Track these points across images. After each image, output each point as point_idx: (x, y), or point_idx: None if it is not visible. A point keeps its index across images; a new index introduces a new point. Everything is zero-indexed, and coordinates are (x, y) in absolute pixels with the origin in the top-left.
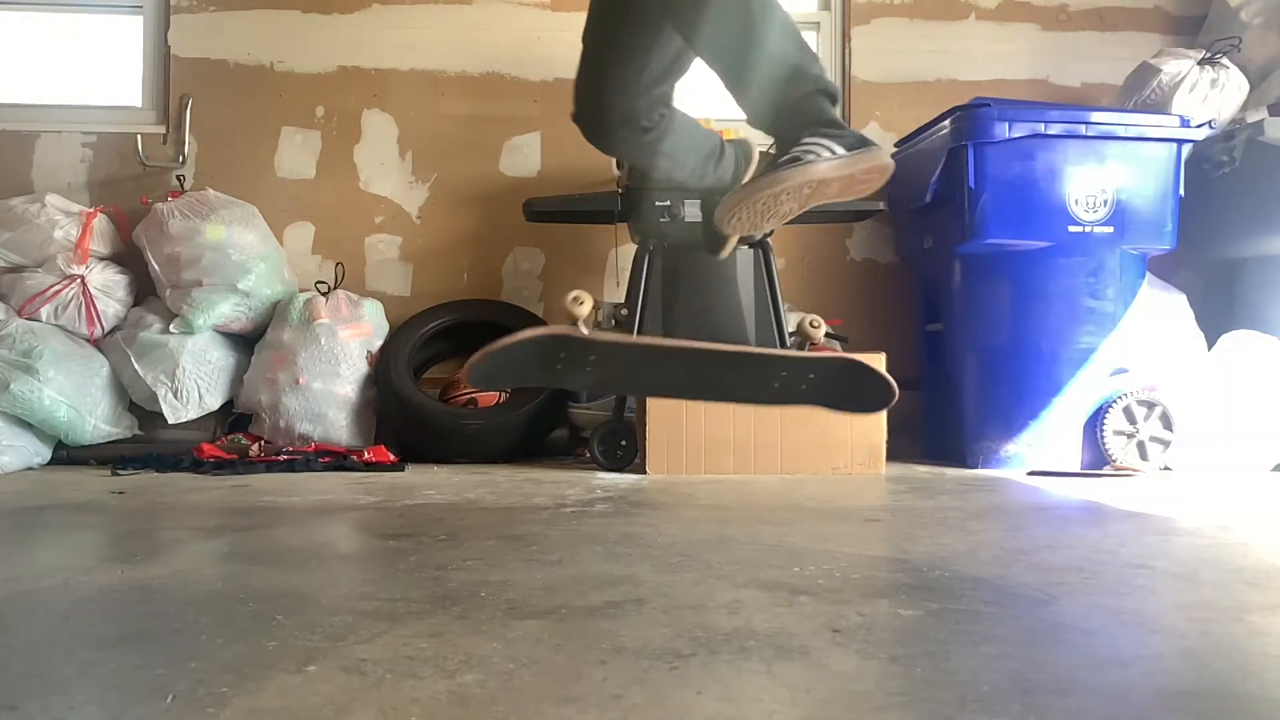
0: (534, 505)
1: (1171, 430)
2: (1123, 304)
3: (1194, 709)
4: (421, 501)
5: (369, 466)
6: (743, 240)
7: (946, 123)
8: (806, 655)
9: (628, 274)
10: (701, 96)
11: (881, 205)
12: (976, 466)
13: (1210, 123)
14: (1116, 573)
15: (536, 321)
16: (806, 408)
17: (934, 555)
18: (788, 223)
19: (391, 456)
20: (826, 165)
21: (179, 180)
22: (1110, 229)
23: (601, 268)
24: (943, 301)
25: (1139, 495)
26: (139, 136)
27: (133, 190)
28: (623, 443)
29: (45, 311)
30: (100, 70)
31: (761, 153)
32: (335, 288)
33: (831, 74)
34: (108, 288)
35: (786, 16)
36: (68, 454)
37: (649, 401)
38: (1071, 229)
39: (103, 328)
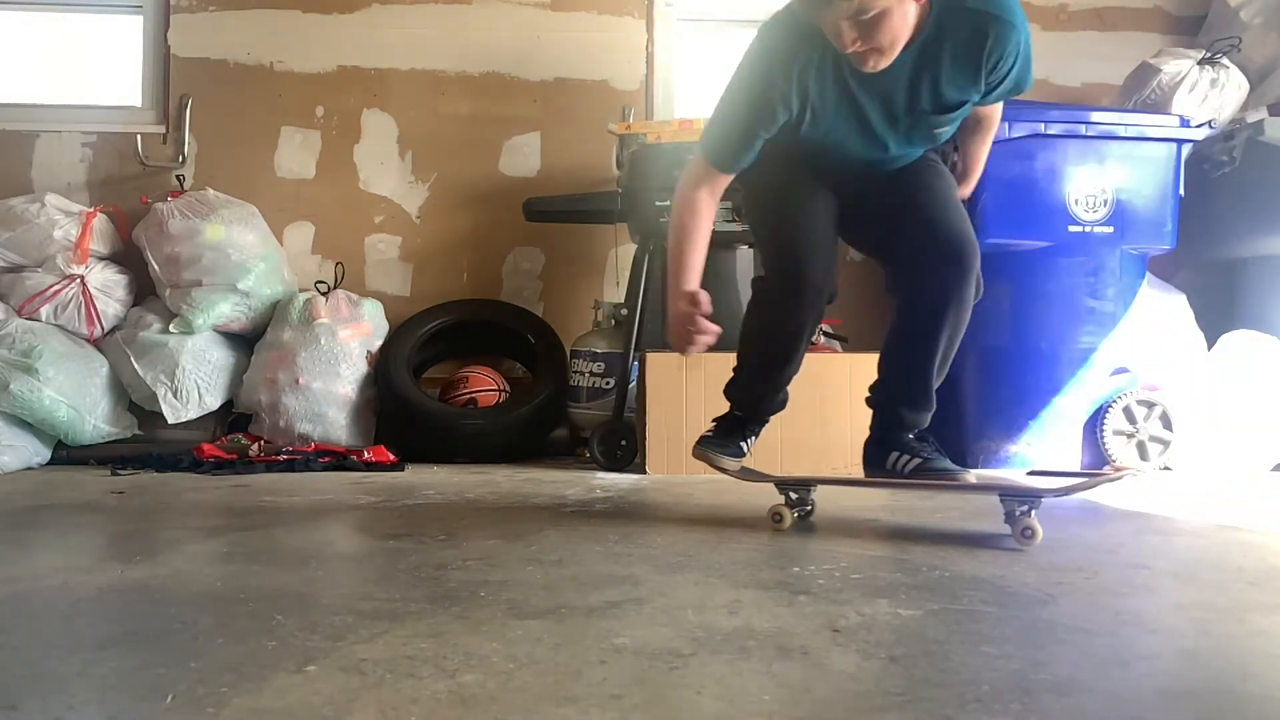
0: (534, 505)
1: (1171, 430)
2: (1123, 304)
3: (1194, 709)
4: (421, 501)
5: (369, 466)
6: (743, 239)
7: None
8: (806, 655)
9: (628, 274)
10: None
11: None
12: (977, 466)
13: (1210, 123)
14: (1116, 573)
15: (537, 321)
16: (807, 407)
17: (934, 555)
18: None
19: (391, 456)
20: None
21: (179, 180)
22: (1110, 229)
23: (601, 268)
24: None
25: (1139, 495)
26: (139, 136)
27: (133, 190)
28: (623, 443)
29: (45, 311)
30: (100, 70)
31: None
32: (335, 288)
33: None
34: (107, 287)
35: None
36: (68, 454)
37: (649, 401)
38: (1071, 229)
39: (102, 327)
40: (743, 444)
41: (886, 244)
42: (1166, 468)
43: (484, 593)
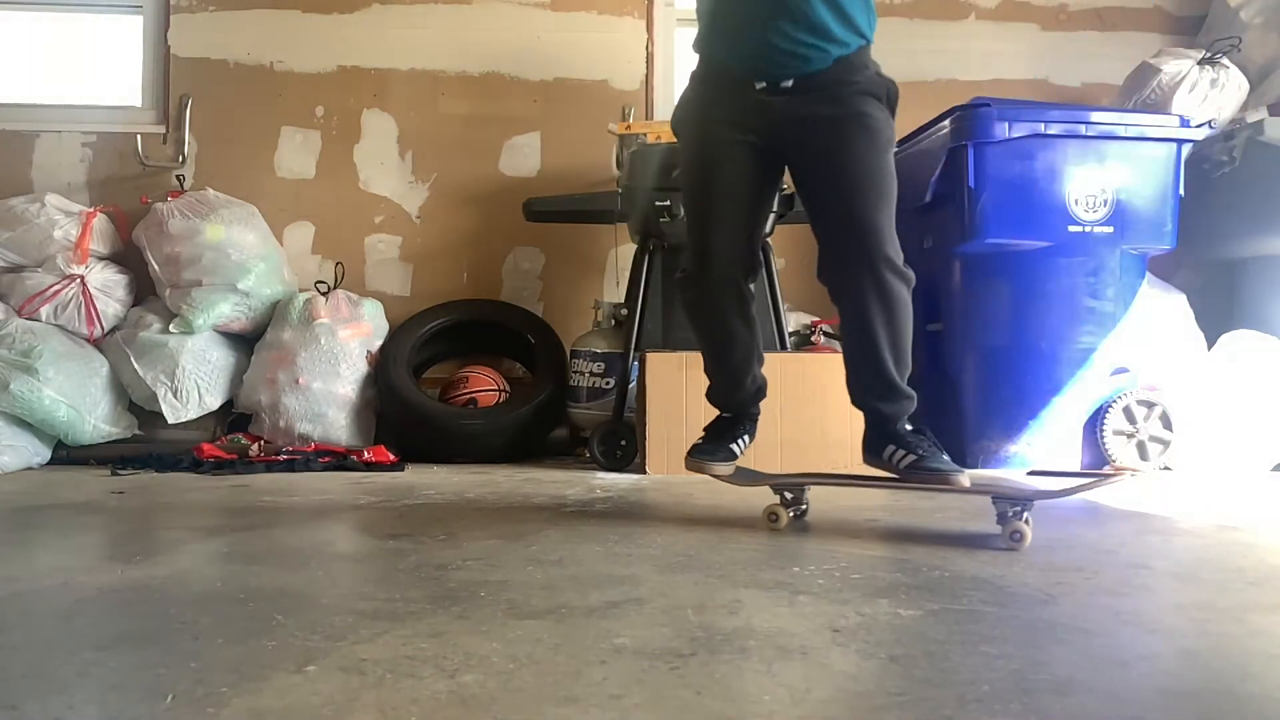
0: (534, 505)
1: (1171, 430)
2: (1123, 304)
3: (1194, 709)
4: (421, 501)
5: (369, 466)
6: None
7: (946, 123)
8: (806, 655)
9: (628, 274)
10: None
11: None
12: (977, 466)
13: (1210, 123)
14: (1116, 573)
15: (537, 321)
16: (807, 407)
17: (934, 555)
18: (784, 223)
19: (391, 456)
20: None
21: (179, 180)
22: (1110, 229)
23: (601, 268)
24: (943, 301)
25: (1139, 495)
26: (139, 136)
27: (132, 190)
28: (623, 443)
29: (45, 311)
30: (100, 70)
31: None
32: (335, 288)
33: None
34: (107, 287)
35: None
36: (68, 454)
37: (649, 401)
38: (1071, 229)
39: (102, 327)
40: (734, 446)
41: (812, 221)
42: (1166, 468)
43: (484, 593)
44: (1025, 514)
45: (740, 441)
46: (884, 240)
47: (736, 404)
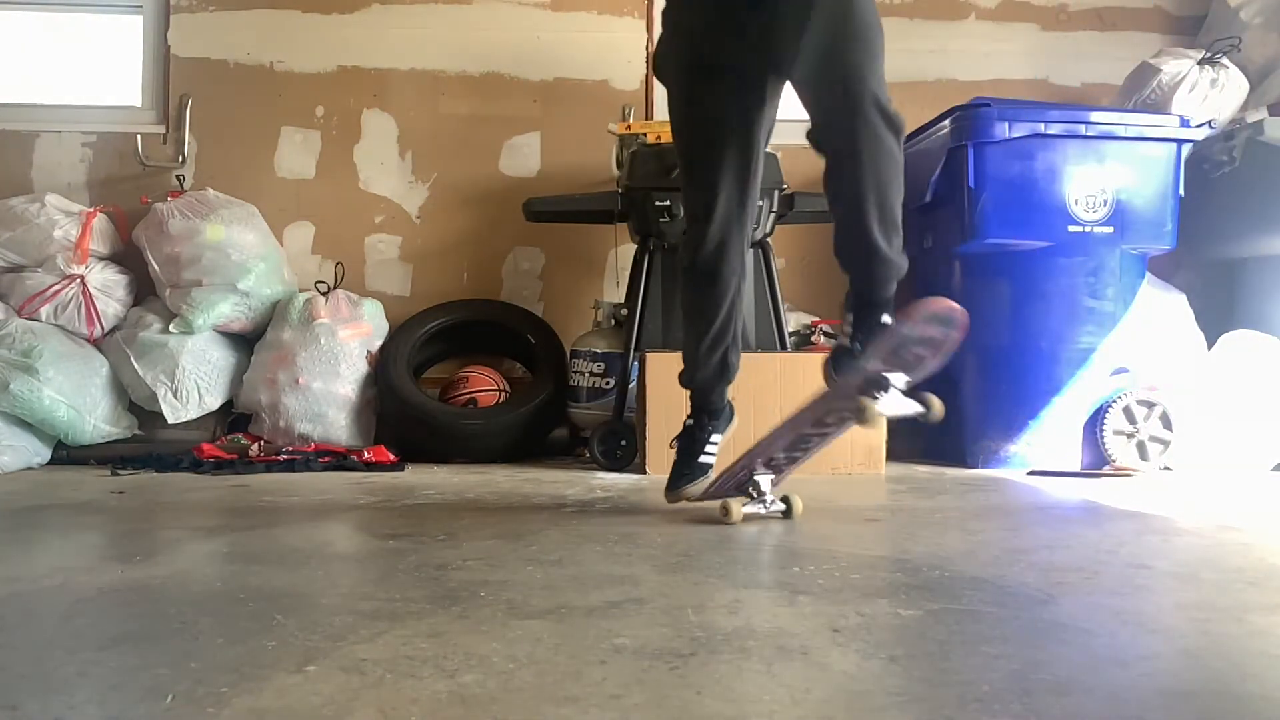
0: (534, 505)
1: (1171, 430)
2: (1123, 304)
3: (1194, 709)
4: (421, 501)
5: (369, 466)
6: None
7: (946, 123)
8: (806, 655)
9: (628, 274)
10: None
11: None
12: (976, 466)
13: (1210, 123)
14: (1116, 573)
15: (537, 321)
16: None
17: (934, 555)
18: (784, 223)
19: (391, 456)
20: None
21: (179, 180)
22: (1110, 229)
23: (601, 268)
24: None
25: (1139, 495)
26: (139, 136)
27: (133, 190)
28: (623, 443)
29: (45, 311)
30: (100, 70)
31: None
32: (335, 288)
33: None
34: (107, 287)
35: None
36: (68, 454)
37: (649, 401)
38: (1071, 229)
39: (102, 327)
40: (703, 458)
41: (807, 108)
42: (1166, 468)
43: (484, 593)
44: (880, 395)
45: (708, 450)
46: (867, 80)
47: (699, 384)
